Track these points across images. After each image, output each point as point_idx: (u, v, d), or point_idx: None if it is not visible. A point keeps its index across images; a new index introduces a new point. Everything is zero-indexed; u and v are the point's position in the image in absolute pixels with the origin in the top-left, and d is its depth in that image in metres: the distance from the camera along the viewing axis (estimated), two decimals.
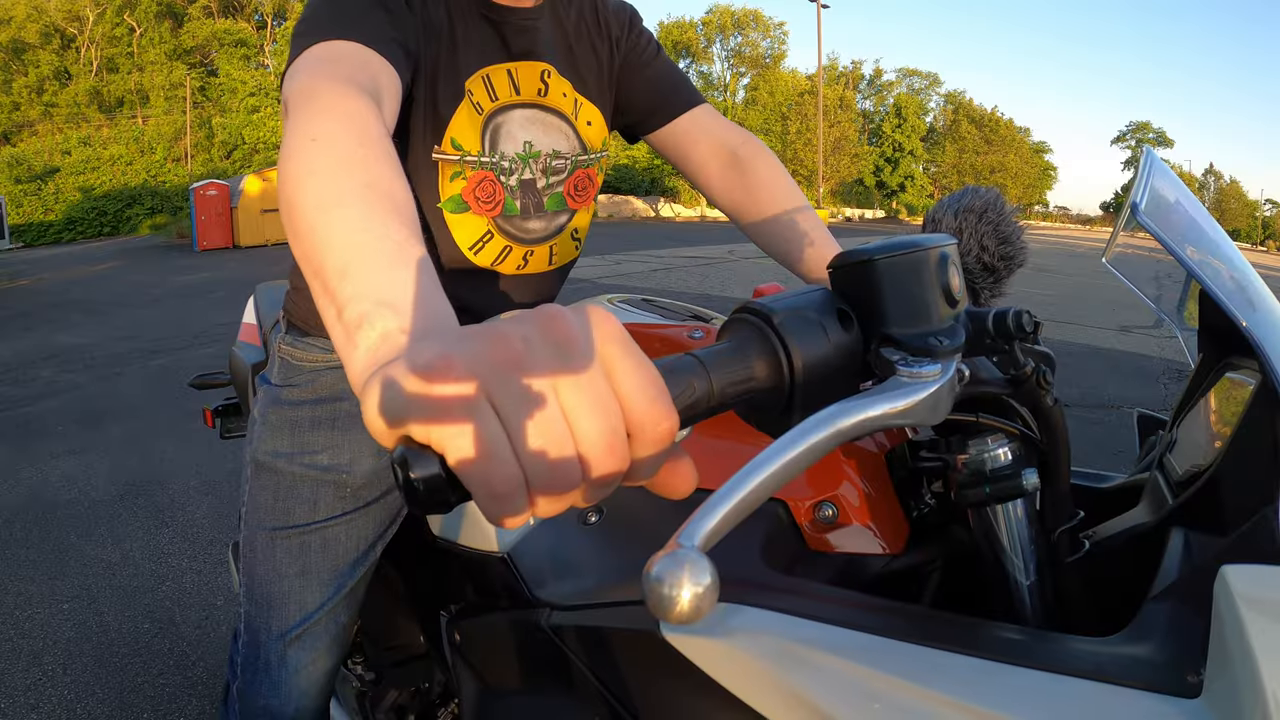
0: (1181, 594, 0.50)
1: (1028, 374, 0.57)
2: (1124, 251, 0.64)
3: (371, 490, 0.94)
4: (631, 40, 0.98)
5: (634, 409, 0.30)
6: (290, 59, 0.66)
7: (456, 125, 0.83)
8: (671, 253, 14.38)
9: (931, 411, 0.43)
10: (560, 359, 0.29)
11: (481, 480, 0.28)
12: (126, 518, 2.99)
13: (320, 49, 0.64)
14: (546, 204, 0.93)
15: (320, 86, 0.56)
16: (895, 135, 43.51)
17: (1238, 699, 0.38)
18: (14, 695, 1.94)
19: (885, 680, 0.48)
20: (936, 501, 0.69)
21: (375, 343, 0.35)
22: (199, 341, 6.56)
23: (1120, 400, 4.64)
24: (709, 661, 0.55)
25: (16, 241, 22.29)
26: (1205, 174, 62.28)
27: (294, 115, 0.52)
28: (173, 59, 33.76)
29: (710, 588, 0.24)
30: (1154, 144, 49.06)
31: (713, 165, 0.97)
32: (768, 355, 0.43)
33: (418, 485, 0.29)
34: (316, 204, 0.44)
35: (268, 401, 0.96)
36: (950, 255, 0.49)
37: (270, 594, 0.92)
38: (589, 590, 0.69)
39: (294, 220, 0.44)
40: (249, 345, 1.44)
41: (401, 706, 1.19)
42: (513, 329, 0.30)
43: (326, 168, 0.46)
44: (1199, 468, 0.60)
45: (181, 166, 31.63)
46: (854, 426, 0.39)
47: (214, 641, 2.16)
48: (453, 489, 0.29)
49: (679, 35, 41.54)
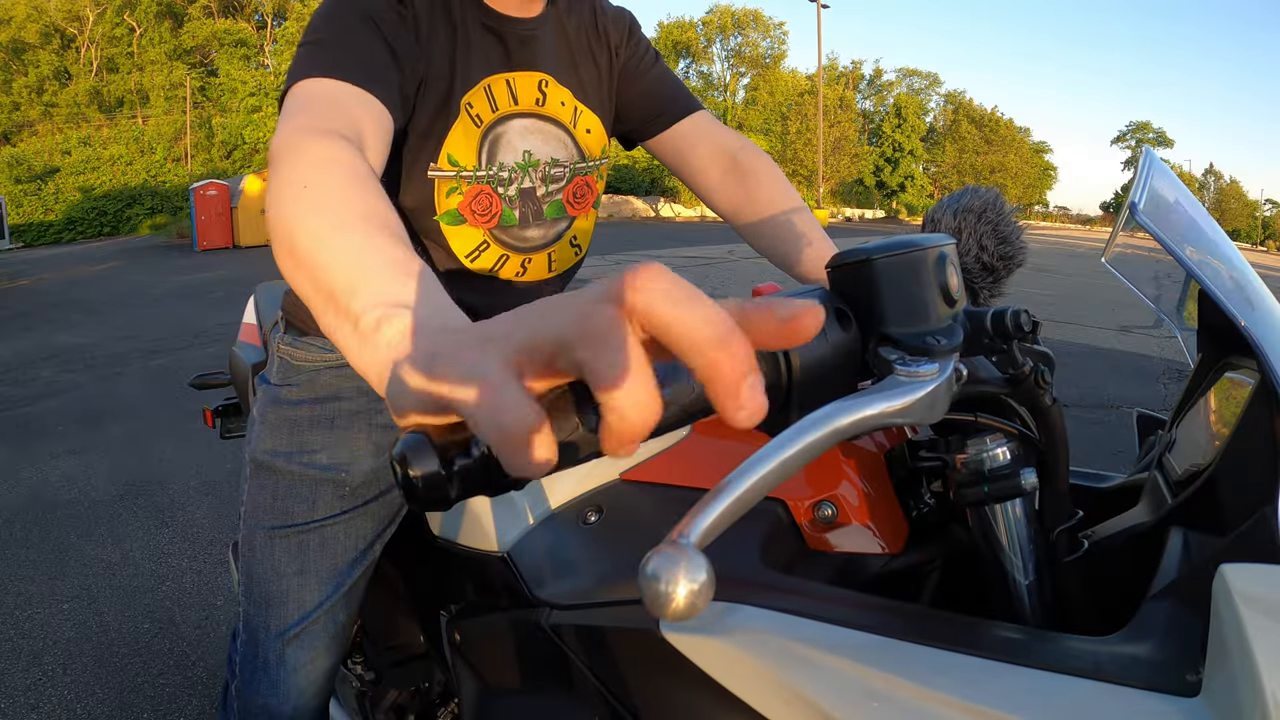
0: (1180, 593, 0.50)
1: (1026, 374, 0.57)
2: (1123, 251, 0.64)
3: (370, 489, 0.94)
4: (630, 47, 0.99)
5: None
6: (286, 85, 0.68)
7: (453, 141, 0.84)
8: (671, 253, 14.38)
9: (929, 411, 0.43)
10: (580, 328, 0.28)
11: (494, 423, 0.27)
12: (126, 518, 2.99)
13: (309, 88, 0.66)
14: (546, 211, 0.93)
15: (304, 141, 0.57)
16: (895, 135, 43.51)
17: (1237, 698, 0.38)
18: (14, 695, 1.94)
19: (884, 679, 0.48)
20: (936, 501, 0.69)
21: (395, 339, 0.36)
22: (199, 341, 6.56)
23: (1120, 400, 4.64)
24: (708, 660, 0.55)
25: (16, 241, 22.31)
26: (1205, 174, 62.30)
27: (281, 167, 0.54)
28: (173, 59, 33.79)
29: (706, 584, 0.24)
30: (1154, 144, 49.08)
31: (712, 170, 0.97)
32: (766, 355, 0.43)
33: (416, 482, 0.29)
34: (318, 234, 0.46)
35: (267, 401, 0.96)
36: (949, 255, 0.49)
37: (269, 593, 0.92)
38: (589, 589, 0.69)
39: (296, 253, 0.46)
40: (249, 345, 1.44)
41: (401, 706, 1.19)
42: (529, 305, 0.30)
43: (322, 205, 0.48)
44: (1198, 467, 0.60)
45: (181, 166, 31.65)
46: (851, 425, 0.39)
47: (214, 641, 2.17)
48: (451, 485, 0.29)
49: (679, 35, 41.51)
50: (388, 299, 0.39)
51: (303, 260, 0.45)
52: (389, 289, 0.40)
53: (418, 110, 0.81)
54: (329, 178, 0.51)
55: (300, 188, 0.50)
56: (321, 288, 0.43)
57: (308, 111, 0.63)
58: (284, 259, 0.47)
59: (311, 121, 0.61)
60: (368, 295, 0.39)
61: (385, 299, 0.39)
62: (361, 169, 0.54)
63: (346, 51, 0.70)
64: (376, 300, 0.39)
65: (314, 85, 0.66)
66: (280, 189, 0.51)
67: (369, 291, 0.40)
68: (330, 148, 0.55)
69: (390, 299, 0.38)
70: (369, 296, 0.39)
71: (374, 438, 0.94)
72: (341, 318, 0.40)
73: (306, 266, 0.45)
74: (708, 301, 0.27)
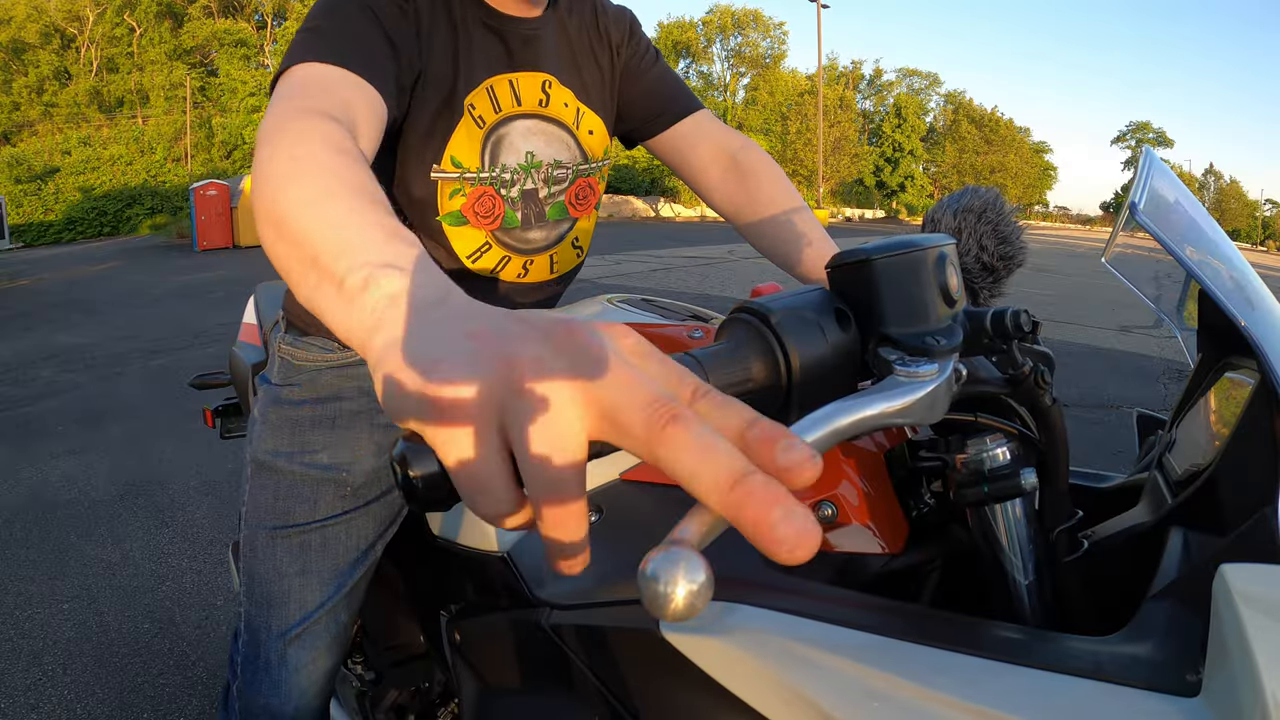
0: (1180, 593, 0.50)
1: (1026, 374, 0.57)
2: (1123, 251, 0.64)
3: (371, 489, 0.94)
4: (631, 47, 0.98)
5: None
6: (280, 69, 0.67)
7: (456, 142, 0.83)
8: (671, 253, 14.38)
9: (929, 411, 0.43)
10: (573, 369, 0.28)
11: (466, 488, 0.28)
12: (126, 518, 2.99)
13: (304, 72, 0.65)
14: (548, 213, 0.93)
15: (293, 121, 0.55)
16: (895, 135, 43.51)
17: (1236, 698, 0.38)
18: (14, 695, 1.94)
19: (884, 679, 0.48)
20: (936, 501, 0.69)
21: (382, 304, 0.34)
22: (199, 341, 6.56)
23: (1120, 400, 4.64)
24: (709, 660, 0.55)
25: (16, 241, 22.30)
26: (1205, 174, 62.28)
27: (267, 143, 0.52)
28: (173, 59, 33.77)
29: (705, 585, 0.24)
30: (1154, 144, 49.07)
31: (712, 170, 0.97)
32: (765, 355, 0.43)
33: (416, 483, 0.29)
34: (305, 200, 0.44)
35: (268, 401, 0.96)
36: (948, 255, 0.49)
37: (270, 593, 0.92)
38: (589, 590, 0.69)
39: (280, 222, 0.44)
40: (249, 345, 1.44)
41: (401, 706, 1.19)
42: (531, 340, 0.29)
43: (309, 173, 0.47)
44: (1198, 467, 0.60)
45: (181, 166, 31.64)
46: (851, 425, 0.39)
47: (214, 641, 2.17)
48: (451, 487, 0.29)
49: (679, 35, 41.50)
50: (376, 259, 0.37)
51: (289, 227, 0.43)
52: (379, 250, 0.38)
53: (420, 110, 0.81)
54: (317, 151, 0.49)
55: (287, 159, 0.48)
56: (305, 250, 0.41)
57: (301, 94, 0.62)
58: (266, 229, 0.45)
59: (303, 103, 0.59)
60: (354, 255, 0.37)
61: (374, 259, 0.37)
62: (351, 148, 0.52)
63: (343, 38, 0.70)
64: (364, 260, 0.37)
65: (307, 69, 0.65)
66: (266, 164, 0.49)
67: (356, 252, 0.38)
68: (320, 126, 0.54)
69: (379, 259, 0.37)
70: (355, 256, 0.37)
71: (375, 438, 0.94)
72: (326, 279, 0.38)
73: (293, 233, 0.42)
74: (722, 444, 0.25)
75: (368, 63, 0.69)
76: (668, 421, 0.26)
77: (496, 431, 0.28)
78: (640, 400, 0.26)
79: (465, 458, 0.28)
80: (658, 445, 0.26)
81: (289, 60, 0.67)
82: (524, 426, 0.27)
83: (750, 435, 0.27)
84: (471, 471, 0.28)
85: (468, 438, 0.28)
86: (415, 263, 0.37)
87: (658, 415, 0.26)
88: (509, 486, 0.28)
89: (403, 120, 0.81)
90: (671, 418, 0.26)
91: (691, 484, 0.25)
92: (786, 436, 0.26)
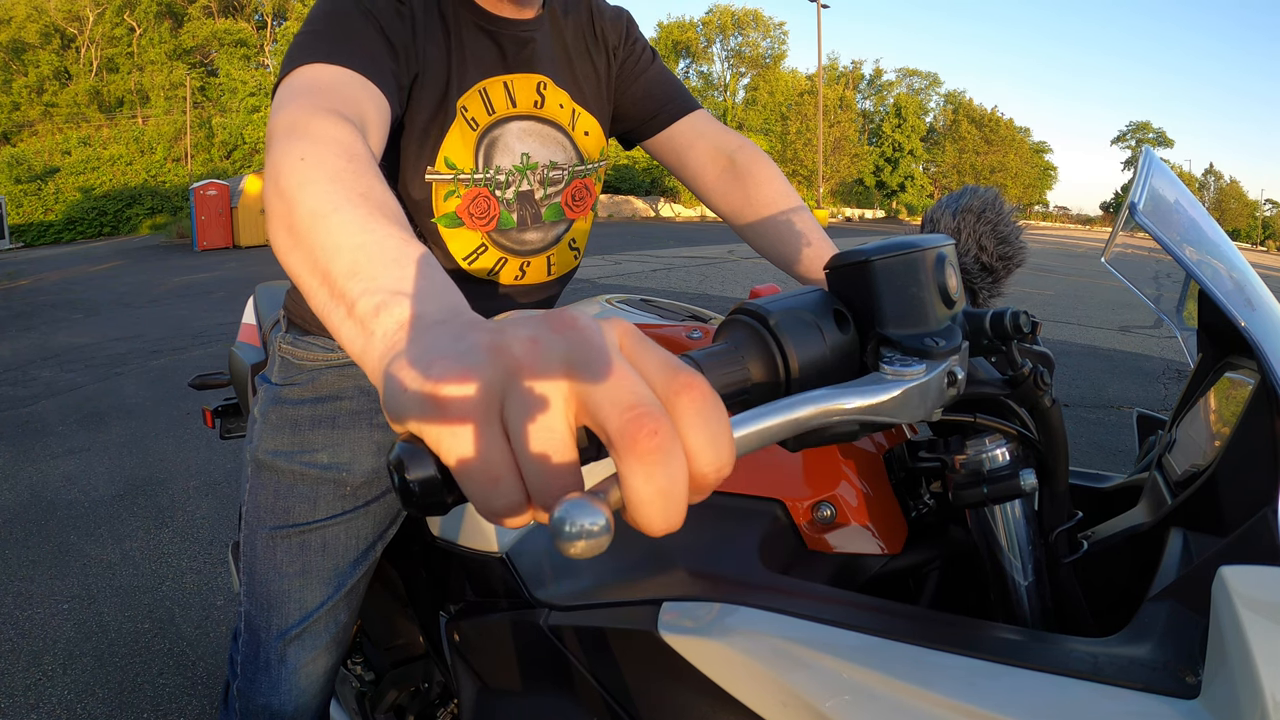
0: (1180, 595, 0.50)
1: (1025, 374, 0.57)
2: (1123, 251, 0.64)
3: (371, 490, 0.94)
4: (628, 48, 0.98)
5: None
6: (282, 73, 0.67)
7: (449, 144, 0.83)
8: (671, 253, 14.38)
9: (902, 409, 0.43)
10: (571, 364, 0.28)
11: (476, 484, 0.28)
12: (126, 518, 2.99)
13: (309, 73, 0.65)
14: (545, 215, 0.93)
15: (303, 118, 0.56)
16: (895, 135, 43.53)
17: (1236, 700, 0.38)
18: (14, 695, 1.94)
19: (883, 680, 0.48)
20: (935, 502, 0.69)
21: (392, 329, 0.35)
22: (199, 341, 6.56)
23: (1120, 400, 4.64)
24: (707, 662, 0.55)
25: (16, 241, 22.33)
26: (1205, 174, 62.28)
27: (279, 143, 0.52)
28: (173, 59, 33.79)
29: (605, 529, 0.26)
30: (1154, 144, 49.09)
31: (710, 170, 0.96)
32: (764, 356, 0.43)
33: (414, 486, 0.29)
34: (315, 211, 0.44)
35: (268, 400, 0.96)
36: (947, 256, 0.49)
37: (270, 593, 0.92)
38: (588, 590, 0.69)
39: (295, 230, 0.45)
40: (249, 345, 1.44)
41: (401, 706, 1.19)
42: (524, 331, 0.29)
43: (319, 179, 0.47)
44: (1198, 468, 0.60)
45: (181, 166, 31.64)
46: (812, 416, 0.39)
47: (214, 641, 2.17)
48: (449, 490, 0.29)
49: (679, 35, 41.50)
50: (388, 285, 0.37)
51: (301, 238, 0.44)
52: (389, 274, 0.38)
53: (415, 111, 0.81)
54: (328, 154, 0.50)
55: (298, 159, 0.49)
56: (318, 267, 0.42)
57: (308, 94, 0.62)
58: (281, 236, 0.46)
59: (313, 102, 0.60)
60: (366, 279, 0.38)
61: (385, 285, 0.37)
62: (360, 150, 0.52)
63: (344, 40, 0.70)
64: (375, 285, 0.37)
65: (312, 70, 0.66)
66: (278, 161, 0.50)
67: (367, 275, 0.38)
68: (331, 126, 0.54)
69: (391, 285, 0.37)
70: (366, 280, 0.38)
71: (375, 437, 0.94)
72: (337, 300, 0.39)
73: (305, 245, 0.43)
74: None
75: (370, 63, 0.69)
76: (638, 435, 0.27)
77: (499, 424, 0.28)
78: (623, 402, 0.27)
79: (468, 454, 0.28)
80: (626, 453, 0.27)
81: (292, 63, 0.67)
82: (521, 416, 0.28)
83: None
84: (477, 467, 0.28)
85: (470, 433, 0.28)
86: (425, 286, 0.37)
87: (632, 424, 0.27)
88: (516, 478, 0.28)
89: (400, 121, 0.81)
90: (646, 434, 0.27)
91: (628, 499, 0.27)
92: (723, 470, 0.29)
